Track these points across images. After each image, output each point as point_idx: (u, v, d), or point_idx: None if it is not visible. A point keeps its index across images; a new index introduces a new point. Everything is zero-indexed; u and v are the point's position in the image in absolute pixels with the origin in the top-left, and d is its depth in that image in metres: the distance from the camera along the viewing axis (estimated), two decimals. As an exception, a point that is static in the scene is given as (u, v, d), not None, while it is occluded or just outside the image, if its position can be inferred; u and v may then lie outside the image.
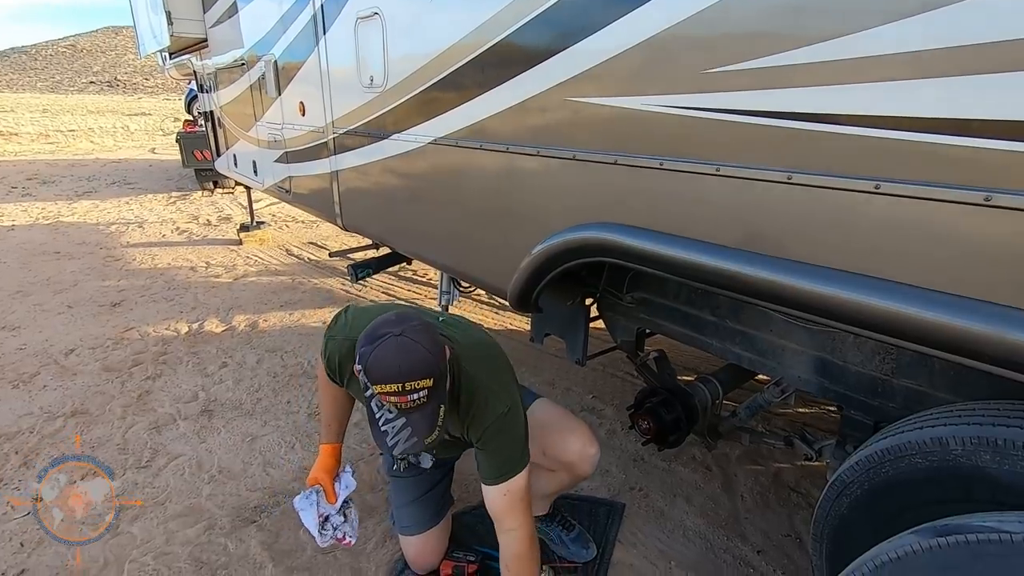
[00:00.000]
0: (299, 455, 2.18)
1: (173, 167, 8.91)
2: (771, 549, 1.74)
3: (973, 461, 0.88)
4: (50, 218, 6.10)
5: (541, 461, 1.51)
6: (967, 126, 0.84)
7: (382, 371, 1.07)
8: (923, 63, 0.87)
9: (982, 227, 0.85)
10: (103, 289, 4.01)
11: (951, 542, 0.77)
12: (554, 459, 1.48)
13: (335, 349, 1.39)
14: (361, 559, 1.70)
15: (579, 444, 1.46)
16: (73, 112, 17.98)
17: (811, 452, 1.54)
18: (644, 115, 1.28)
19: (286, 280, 4.25)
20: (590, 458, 1.48)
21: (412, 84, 2.00)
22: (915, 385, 1.21)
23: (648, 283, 1.72)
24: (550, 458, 1.49)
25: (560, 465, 1.49)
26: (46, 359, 2.96)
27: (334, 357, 1.39)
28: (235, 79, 3.92)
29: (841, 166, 0.98)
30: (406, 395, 1.07)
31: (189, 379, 2.77)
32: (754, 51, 1.06)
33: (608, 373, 2.79)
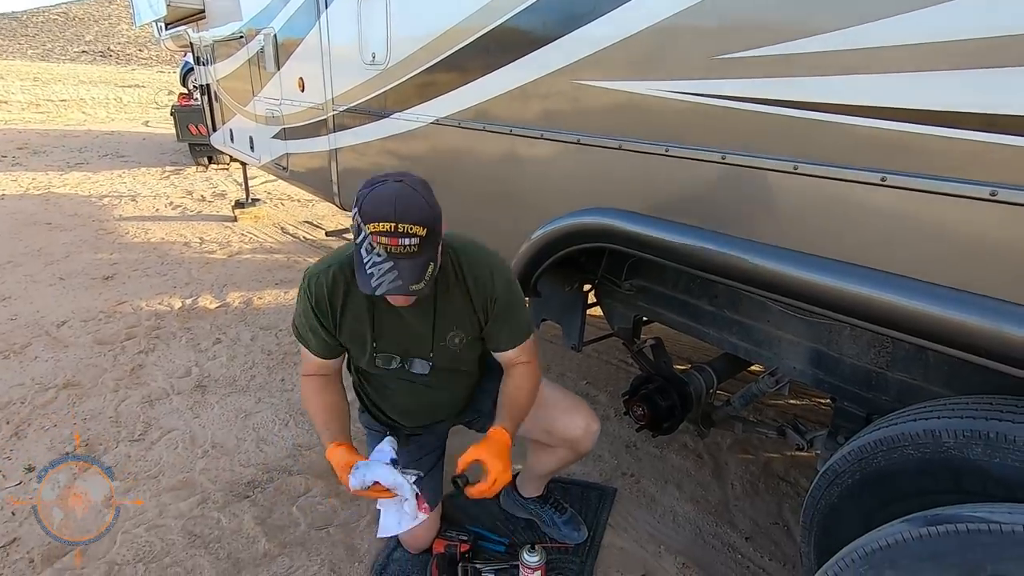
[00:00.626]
0: (292, 432, 2.18)
1: (167, 141, 8.79)
2: (759, 536, 1.77)
3: (964, 454, 0.89)
4: (41, 189, 6.02)
5: (544, 439, 1.52)
6: (973, 120, 0.84)
7: (377, 208, 1.05)
8: (930, 56, 0.86)
9: (987, 222, 0.85)
10: (95, 262, 3.97)
11: (941, 531, 0.79)
12: (559, 437, 1.49)
13: (321, 279, 1.28)
14: (354, 536, 1.71)
15: (584, 421, 1.48)
16: (65, 81, 17.66)
17: (803, 442, 1.56)
18: (651, 100, 1.27)
19: (281, 258, 4.22)
20: (593, 434, 1.49)
21: (415, 62, 1.97)
22: (909, 378, 1.23)
23: (647, 271, 1.72)
24: (555, 436, 1.50)
25: (564, 442, 1.51)
26: (38, 330, 2.94)
27: (322, 287, 1.28)
28: (233, 53, 3.86)
29: (848, 157, 0.98)
30: (397, 237, 1.04)
31: (183, 354, 2.76)
32: (763, 38, 1.05)
33: (603, 360, 2.81)
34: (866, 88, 0.94)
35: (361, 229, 1.06)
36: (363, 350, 1.36)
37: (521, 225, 1.65)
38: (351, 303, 1.30)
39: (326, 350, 1.37)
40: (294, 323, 1.39)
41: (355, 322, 1.32)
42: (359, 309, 1.31)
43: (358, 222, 1.07)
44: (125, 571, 1.56)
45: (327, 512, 1.80)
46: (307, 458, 2.04)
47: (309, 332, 1.34)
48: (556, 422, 1.48)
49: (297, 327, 1.38)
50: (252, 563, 1.61)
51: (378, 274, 1.07)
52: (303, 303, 1.32)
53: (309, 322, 1.32)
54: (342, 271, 1.28)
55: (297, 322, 1.37)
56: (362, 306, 1.30)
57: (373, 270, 1.07)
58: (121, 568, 1.57)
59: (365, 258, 1.07)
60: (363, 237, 1.06)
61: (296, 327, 1.38)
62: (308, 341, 1.36)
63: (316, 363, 1.40)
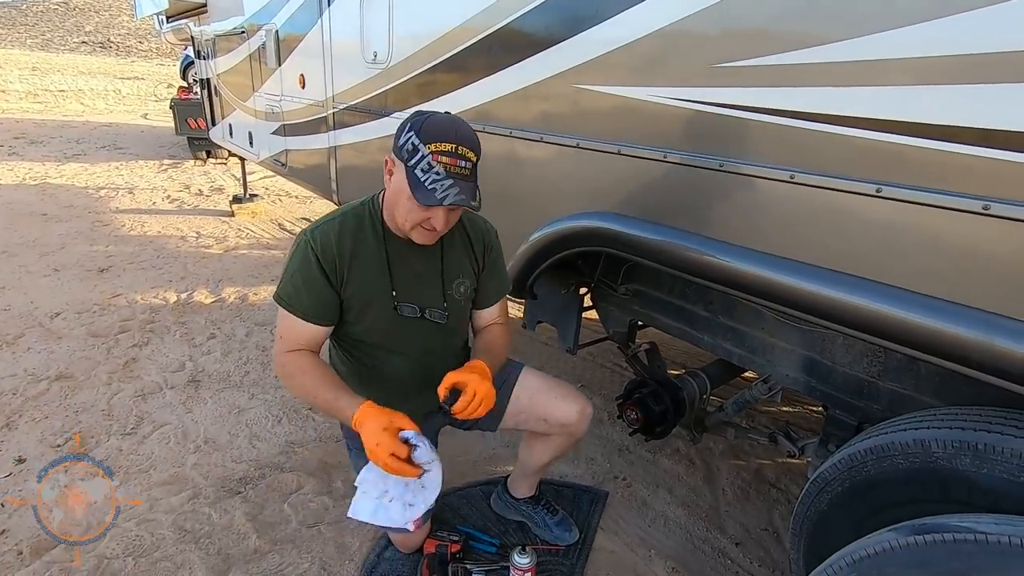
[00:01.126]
0: (285, 429, 2.18)
1: (165, 134, 8.76)
2: (749, 542, 1.78)
3: (953, 464, 0.90)
4: (37, 179, 5.99)
5: (541, 428, 1.52)
6: (967, 134, 0.85)
7: (439, 130, 1.13)
8: (926, 70, 0.87)
9: (979, 236, 0.86)
10: (91, 254, 3.95)
11: (928, 540, 0.80)
12: (556, 423, 1.50)
13: (326, 229, 1.27)
14: (346, 534, 1.71)
15: (578, 405, 1.48)
16: (63, 72, 17.56)
17: (794, 449, 1.57)
18: (650, 106, 1.28)
19: (278, 255, 4.21)
20: (588, 417, 1.51)
21: (417, 62, 1.98)
22: (900, 388, 1.24)
23: (643, 275, 1.73)
24: (551, 422, 1.50)
25: (560, 428, 1.51)
26: (31, 321, 2.92)
27: (328, 236, 1.26)
28: (234, 47, 3.85)
29: (844, 168, 0.99)
30: (456, 159, 1.12)
31: (177, 348, 2.75)
32: (764, 48, 1.06)
33: (597, 363, 2.82)
34: (863, 100, 0.95)
35: (418, 149, 1.12)
36: (379, 302, 1.32)
37: (519, 227, 1.66)
38: (362, 252, 1.29)
39: (322, 312, 1.28)
40: (280, 291, 1.28)
41: (367, 273, 1.30)
42: (372, 259, 1.30)
43: (414, 143, 1.13)
44: (114, 565, 1.56)
45: (318, 510, 1.80)
46: (299, 455, 2.04)
47: (305, 293, 1.26)
48: (552, 408, 1.49)
49: (287, 292, 1.27)
50: (243, 559, 1.61)
51: (440, 189, 1.12)
52: (302, 259, 1.25)
53: (308, 279, 1.25)
54: (346, 222, 1.29)
55: (289, 286, 1.27)
56: (375, 255, 1.30)
57: (435, 185, 1.12)
58: (111, 562, 1.57)
59: (423, 176, 1.12)
60: (421, 157, 1.12)
61: (284, 294, 1.27)
62: (302, 304, 1.27)
63: (304, 334, 1.29)
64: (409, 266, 1.34)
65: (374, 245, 1.30)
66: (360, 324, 1.35)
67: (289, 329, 1.30)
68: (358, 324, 1.35)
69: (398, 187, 1.19)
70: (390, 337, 1.39)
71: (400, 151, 1.16)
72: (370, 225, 1.31)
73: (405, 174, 1.15)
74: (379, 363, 1.43)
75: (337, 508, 1.80)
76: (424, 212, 1.17)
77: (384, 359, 1.42)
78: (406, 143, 1.15)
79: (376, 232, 1.31)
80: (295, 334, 1.30)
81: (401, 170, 1.17)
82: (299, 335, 1.30)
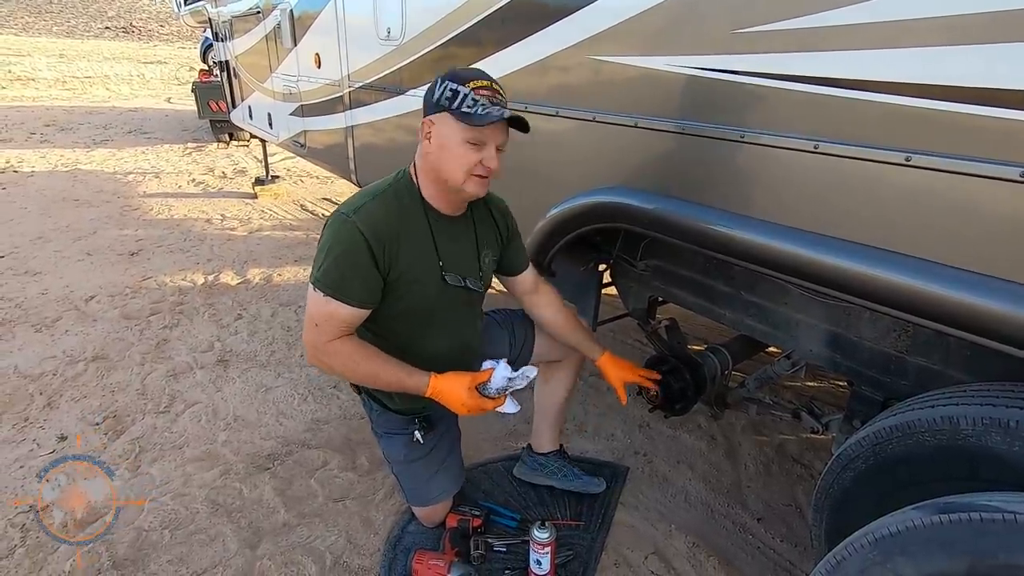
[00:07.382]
0: (311, 407, 2.23)
1: (189, 117, 8.86)
2: (771, 517, 1.77)
3: (982, 441, 0.87)
4: (68, 166, 6.14)
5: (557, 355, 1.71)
6: (1005, 97, 0.80)
7: (470, 73, 1.22)
8: (960, 28, 0.82)
9: (1017, 205, 0.82)
10: (121, 238, 4.06)
11: (954, 519, 0.78)
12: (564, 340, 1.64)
13: (371, 208, 1.25)
14: (370, 509, 1.75)
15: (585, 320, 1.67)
16: (89, 58, 17.80)
17: (818, 425, 1.55)
18: (668, 76, 1.24)
19: (300, 235, 4.26)
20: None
21: (430, 38, 1.95)
22: (928, 364, 1.20)
23: (662, 251, 1.70)
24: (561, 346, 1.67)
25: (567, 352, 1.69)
26: (67, 305, 3.02)
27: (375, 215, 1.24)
28: (251, 28, 3.85)
29: (871, 136, 0.95)
30: (495, 92, 1.20)
31: (205, 329, 2.82)
32: (785, 11, 1.01)
33: (617, 339, 2.80)
34: (892, 63, 0.90)
35: (459, 91, 1.18)
36: (426, 276, 1.33)
37: (537, 202, 1.64)
38: (410, 229, 1.29)
39: (368, 296, 1.26)
40: (322, 277, 1.22)
41: (415, 248, 1.30)
42: (419, 234, 1.31)
43: (453, 88, 1.18)
44: (152, 537, 1.63)
45: (344, 485, 1.85)
46: (325, 432, 2.09)
47: (354, 279, 1.22)
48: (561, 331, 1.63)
49: (332, 278, 1.22)
50: (272, 532, 1.66)
51: (494, 111, 1.17)
52: (349, 243, 1.21)
53: (356, 264, 1.22)
54: (387, 200, 1.29)
55: (333, 271, 1.22)
56: (421, 230, 1.32)
57: (486, 111, 1.17)
58: (148, 534, 1.64)
59: (471, 108, 1.17)
60: (464, 96, 1.17)
61: (328, 280, 1.22)
62: (351, 289, 1.23)
63: (348, 320, 1.25)
64: (451, 237, 1.37)
65: (419, 220, 1.32)
66: (402, 302, 1.32)
67: (330, 316, 1.24)
68: (399, 303, 1.32)
69: (442, 141, 1.22)
70: (431, 311, 1.39)
71: (438, 104, 1.20)
72: (410, 201, 1.32)
73: (451, 119, 1.19)
74: (415, 338, 1.40)
75: (362, 483, 1.85)
76: (476, 154, 1.21)
77: (421, 334, 1.40)
78: (443, 93, 1.19)
79: (417, 207, 1.32)
80: (337, 320, 1.24)
81: (445, 119, 1.20)
82: (342, 321, 1.25)
